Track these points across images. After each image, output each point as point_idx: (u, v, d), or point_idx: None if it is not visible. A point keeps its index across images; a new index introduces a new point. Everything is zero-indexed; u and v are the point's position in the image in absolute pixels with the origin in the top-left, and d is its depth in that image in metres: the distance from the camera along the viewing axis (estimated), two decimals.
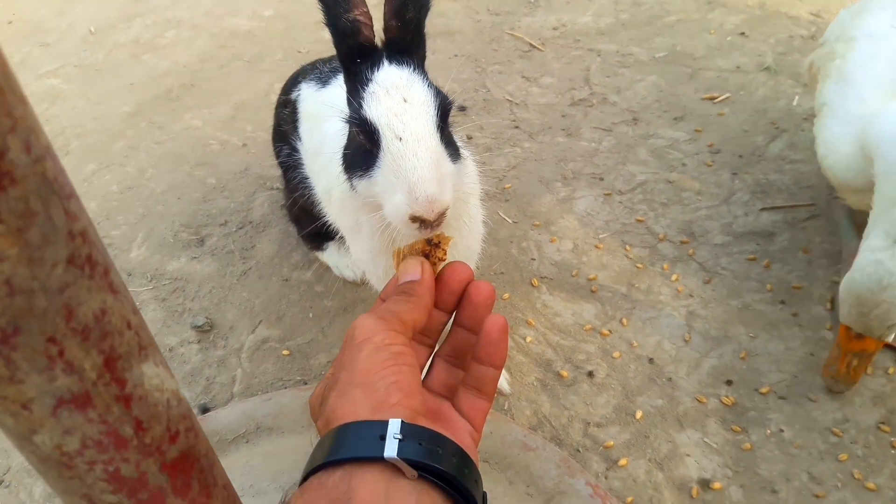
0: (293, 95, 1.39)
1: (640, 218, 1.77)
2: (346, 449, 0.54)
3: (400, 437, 0.53)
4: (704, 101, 2.16)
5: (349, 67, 0.89)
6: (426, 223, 0.80)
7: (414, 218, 0.80)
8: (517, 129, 2.12)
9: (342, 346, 0.63)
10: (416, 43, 0.88)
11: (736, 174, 1.87)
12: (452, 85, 2.25)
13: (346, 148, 0.94)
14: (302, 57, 2.56)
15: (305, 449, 1.24)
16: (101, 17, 3.00)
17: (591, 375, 1.41)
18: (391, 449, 0.52)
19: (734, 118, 2.07)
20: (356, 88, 0.86)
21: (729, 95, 2.16)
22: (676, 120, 2.09)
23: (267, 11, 2.93)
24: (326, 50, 1.26)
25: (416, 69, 0.87)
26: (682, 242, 1.69)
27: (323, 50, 1.52)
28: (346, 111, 0.89)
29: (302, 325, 1.58)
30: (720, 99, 2.15)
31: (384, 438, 0.53)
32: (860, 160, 1.31)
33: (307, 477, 0.56)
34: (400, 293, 0.67)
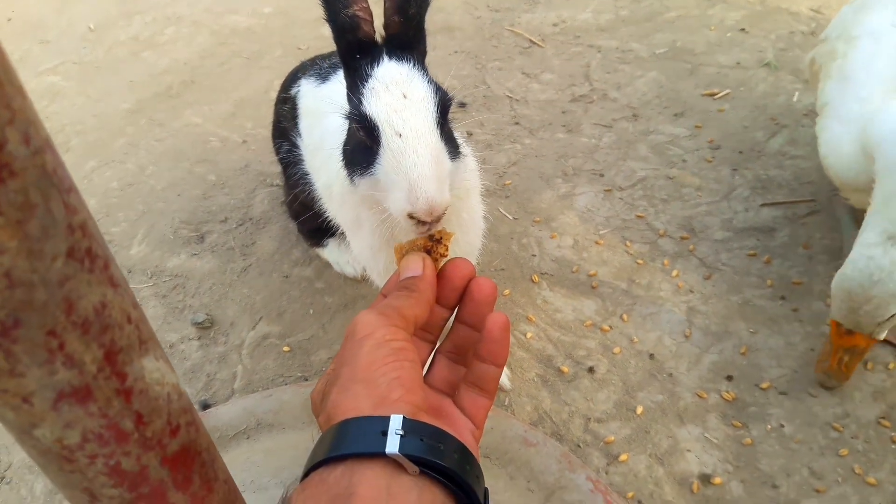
0: (293, 92, 1.39)
1: (640, 214, 1.77)
2: (347, 444, 0.54)
3: (402, 432, 0.53)
4: (705, 97, 2.15)
5: (349, 63, 0.88)
6: (424, 221, 0.80)
7: (412, 216, 0.80)
8: (517, 125, 2.12)
9: (343, 341, 0.63)
10: (416, 39, 0.88)
11: (736, 170, 1.87)
12: (452, 81, 2.25)
13: (345, 144, 0.94)
14: (302, 54, 2.56)
15: (306, 445, 1.24)
16: (100, 14, 3.00)
17: (591, 371, 1.41)
18: (393, 445, 0.52)
19: (734, 114, 2.07)
20: (356, 84, 0.86)
21: (729, 91, 2.16)
22: (677, 116, 2.09)
23: (266, 8, 2.93)
24: (326, 46, 1.26)
25: (416, 65, 0.87)
26: (682, 238, 1.69)
27: (323, 46, 1.52)
28: (345, 107, 0.89)
29: (302, 321, 1.58)
30: (720, 95, 2.15)
31: (386, 434, 0.53)
32: (861, 159, 1.31)
33: (308, 472, 0.56)
34: (401, 289, 0.67)
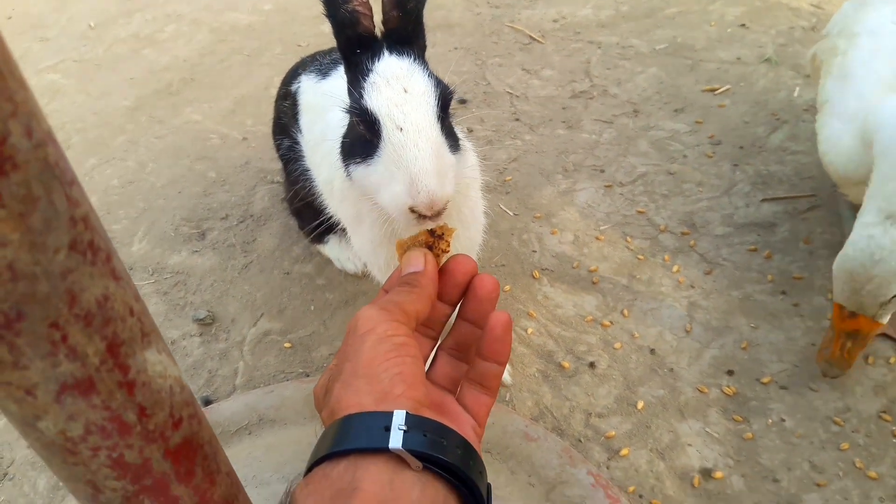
0: (293, 87, 1.39)
1: (640, 209, 1.77)
2: (350, 440, 0.54)
3: (405, 428, 0.53)
4: (705, 92, 2.15)
5: (349, 58, 0.89)
6: (425, 215, 0.80)
7: (413, 210, 0.80)
8: (518, 121, 2.12)
9: (345, 336, 0.63)
10: (416, 33, 0.88)
11: (737, 165, 1.87)
12: (452, 78, 2.23)
13: (345, 137, 0.94)
14: (302, 50, 2.55)
15: (307, 440, 1.25)
16: (100, 11, 3.00)
17: (592, 366, 1.42)
18: (396, 440, 0.52)
19: (735, 109, 2.07)
20: (356, 79, 0.86)
21: (729, 87, 2.16)
22: (677, 112, 2.08)
23: (266, 5, 2.93)
24: (326, 43, 1.26)
25: (416, 59, 0.87)
26: (683, 234, 1.69)
27: (323, 43, 1.52)
28: (346, 101, 0.89)
29: (303, 317, 1.58)
30: (721, 90, 2.15)
31: (389, 429, 0.53)
32: (861, 152, 1.31)
33: (312, 467, 0.56)
34: (403, 284, 0.67)
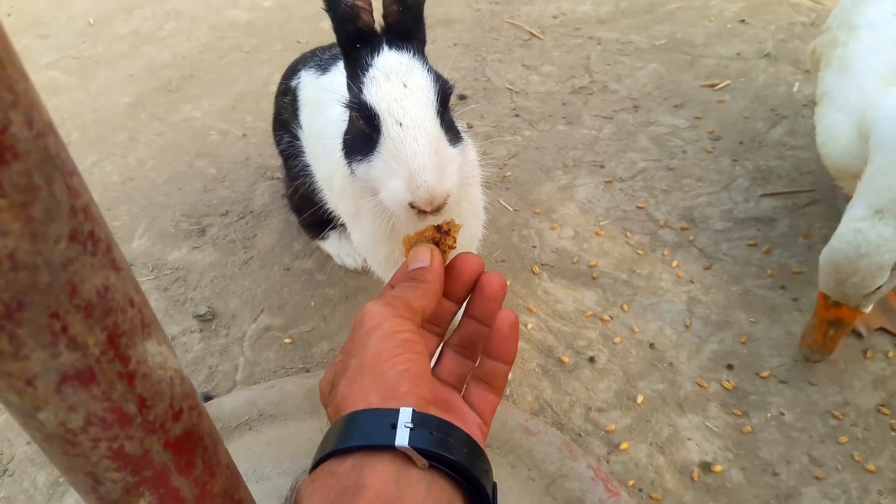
0: (293, 83, 1.39)
1: (640, 205, 1.77)
2: (357, 437, 0.54)
3: (411, 425, 0.53)
4: (704, 88, 2.15)
5: (349, 53, 0.89)
6: (424, 211, 0.80)
7: (413, 205, 0.80)
8: (517, 117, 2.12)
9: (351, 332, 0.63)
10: (415, 28, 0.88)
11: (736, 161, 1.87)
12: (452, 73, 2.23)
13: (345, 133, 0.94)
14: (301, 47, 2.55)
15: (308, 435, 1.25)
16: (99, 8, 3.00)
17: (592, 361, 1.42)
18: (402, 438, 0.52)
19: (734, 105, 2.07)
20: (356, 74, 0.86)
21: (729, 82, 2.16)
22: (677, 107, 2.08)
23: (266, 2, 2.93)
24: (326, 40, 1.26)
25: (416, 54, 0.87)
26: (682, 229, 1.69)
27: (322, 40, 1.52)
28: (346, 96, 0.89)
29: (304, 313, 1.58)
30: (720, 86, 2.14)
31: (395, 427, 0.53)
32: (858, 145, 1.31)
33: (318, 464, 0.56)
34: (409, 280, 0.67)
